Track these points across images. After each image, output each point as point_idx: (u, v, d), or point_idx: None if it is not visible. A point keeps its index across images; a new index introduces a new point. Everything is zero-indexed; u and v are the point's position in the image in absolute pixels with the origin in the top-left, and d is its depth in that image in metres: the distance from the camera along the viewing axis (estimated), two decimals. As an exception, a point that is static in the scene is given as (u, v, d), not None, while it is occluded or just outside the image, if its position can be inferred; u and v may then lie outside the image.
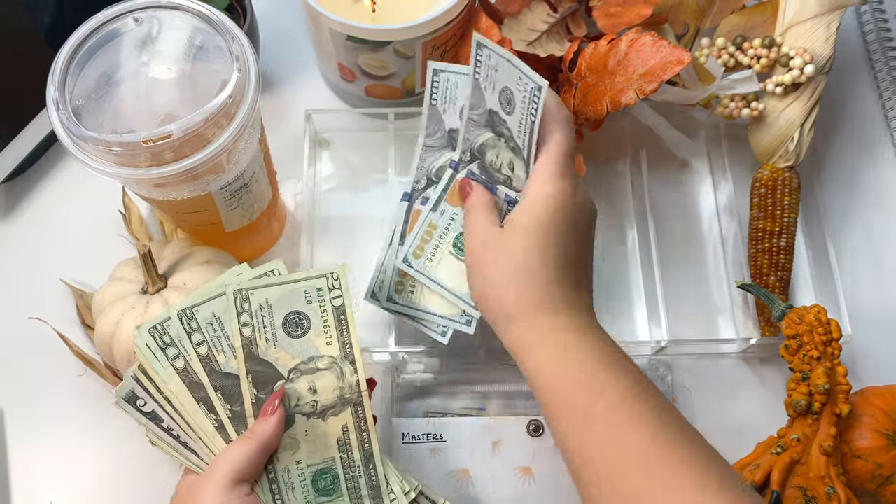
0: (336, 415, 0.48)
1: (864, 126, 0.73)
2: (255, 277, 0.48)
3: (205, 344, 0.47)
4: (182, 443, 0.48)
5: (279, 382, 0.48)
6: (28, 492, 0.60)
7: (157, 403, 0.47)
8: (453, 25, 0.61)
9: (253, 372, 0.47)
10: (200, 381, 0.47)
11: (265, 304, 0.48)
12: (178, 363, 0.47)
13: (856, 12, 0.77)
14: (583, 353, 0.45)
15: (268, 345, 0.48)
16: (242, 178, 0.53)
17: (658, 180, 0.69)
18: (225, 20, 0.48)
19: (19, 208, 0.68)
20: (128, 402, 0.47)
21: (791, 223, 0.64)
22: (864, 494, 0.57)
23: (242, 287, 0.47)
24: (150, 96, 0.48)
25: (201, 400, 0.47)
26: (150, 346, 0.47)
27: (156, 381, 0.47)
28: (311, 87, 0.73)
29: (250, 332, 0.47)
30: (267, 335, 0.48)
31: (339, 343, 0.48)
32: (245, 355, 0.47)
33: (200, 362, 0.47)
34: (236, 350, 0.47)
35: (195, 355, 0.47)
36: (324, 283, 0.48)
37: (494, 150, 0.52)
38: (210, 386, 0.47)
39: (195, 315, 0.47)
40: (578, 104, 0.60)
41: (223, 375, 0.47)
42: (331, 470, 0.48)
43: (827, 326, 0.56)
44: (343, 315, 0.48)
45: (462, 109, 0.53)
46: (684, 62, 0.54)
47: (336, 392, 0.48)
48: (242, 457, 0.45)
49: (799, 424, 0.56)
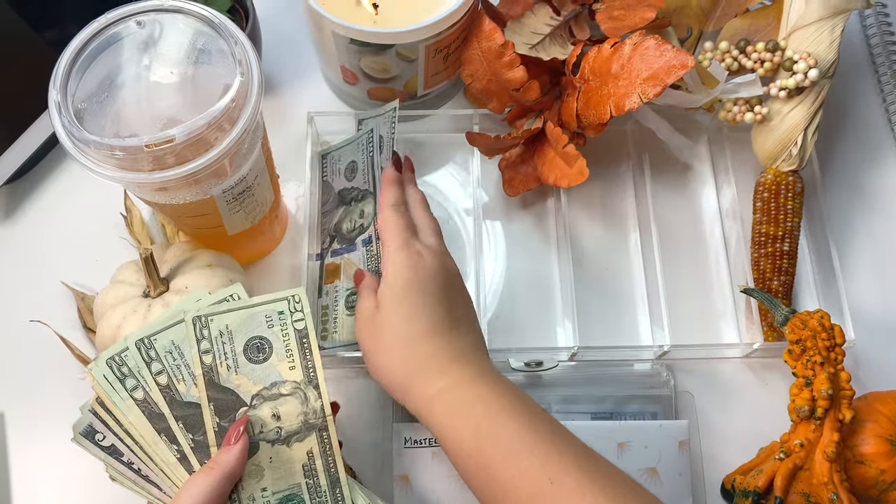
0: (301, 440, 0.47)
1: (867, 130, 0.73)
2: (214, 303, 0.48)
3: (164, 373, 0.47)
4: (143, 476, 0.47)
5: (242, 409, 0.47)
6: (29, 495, 0.59)
7: (116, 437, 0.46)
8: (456, 28, 0.61)
9: (215, 400, 0.47)
10: (161, 412, 0.46)
11: (225, 330, 0.47)
12: (138, 394, 0.46)
13: (859, 16, 0.77)
14: (467, 411, 0.47)
15: (229, 371, 0.47)
16: (245, 181, 0.52)
17: (661, 184, 0.69)
18: (227, 23, 0.48)
19: (21, 211, 0.68)
20: (85, 437, 0.46)
21: (794, 227, 0.64)
22: (868, 500, 0.57)
23: (201, 313, 0.47)
24: (152, 100, 0.47)
25: (162, 431, 0.46)
26: (108, 377, 0.46)
27: (115, 414, 0.46)
28: (314, 90, 0.73)
29: (211, 359, 0.47)
30: (228, 362, 0.47)
31: (301, 367, 0.48)
32: (206, 383, 0.46)
33: (160, 392, 0.46)
34: (197, 378, 0.47)
35: (154, 385, 0.46)
36: (285, 307, 0.48)
37: (348, 217, 0.61)
38: (171, 416, 0.46)
39: (153, 344, 0.47)
40: (581, 108, 0.60)
41: (184, 405, 0.46)
42: (297, 496, 0.47)
43: (830, 331, 0.56)
44: (306, 338, 0.48)
45: (343, 169, 0.64)
46: (688, 66, 0.54)
47: (300, 417, 0.48)
48: (206, 489, 0.44)
49: (802, 430, 0.56)
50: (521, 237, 0.68)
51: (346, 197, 0.63)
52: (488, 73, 0.63)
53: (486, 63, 0.63)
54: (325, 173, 0.66)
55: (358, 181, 0.62)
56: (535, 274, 0.66)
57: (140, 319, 0.54)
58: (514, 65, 0.61)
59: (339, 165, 0.65)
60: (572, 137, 0.61)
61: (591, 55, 0.60)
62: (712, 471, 0.61)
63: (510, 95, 0.64)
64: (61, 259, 0.66)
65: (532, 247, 0.68)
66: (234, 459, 0.45)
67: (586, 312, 0.64)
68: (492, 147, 0.66)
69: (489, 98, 0.66)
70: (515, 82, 0.62)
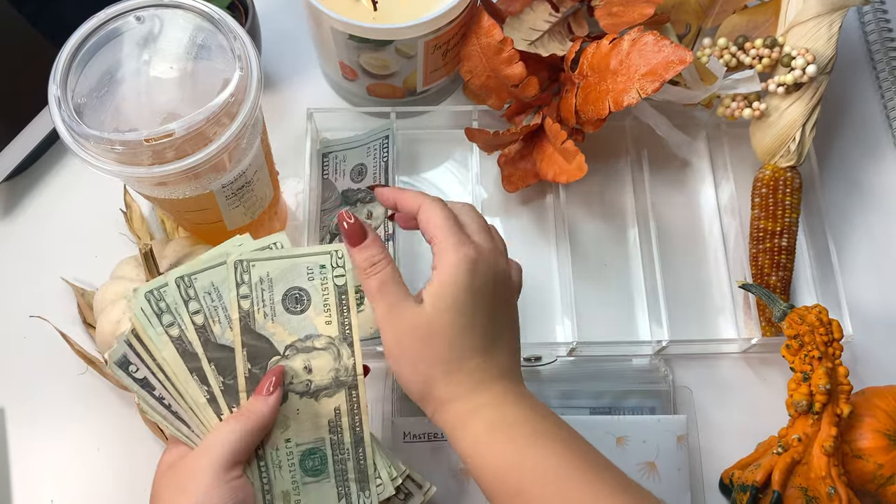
0: (329, 396, 0.47)
1: (865, 126, 0.73)
2: (257, 249, 0.47)
3: (201, 313, 0.46)
4: (173, 412, 0.46)
5: (274, 358, 0.47)
6: (29, 490, 0.60)
7: (148, 370, 0.46)
8: (455, 24, 0.61)
9: (248, 346, 0.46)
10: (195, 352, 0.46)
11: (265, 278, 0.46)
12: (173, 331, 0.46)
13: (857, 12, 0.77)
14: (510, 431, 0.44)
15: (265, 319, 0.47)
16: (244, 176, 0.53)
17: (659, 180, 0.69)
18: (227, 18, 0.48)
19: (20, 207, 0.68)
20: (119, 367, 0.46)
21: (792, 223, 0.64)
22: (865, 495, 0.57)
23: (243, 258, 0.46)
24: (151, 95, 0.47)
25: (194, 370, 0.46)
26: (146, 310, 0.46)
27: (149, 348, 0.46)
28: (313, 86, 0.73)
29: (248, 304, 0.46)
30: (265, 309, 0.46)
31: (338, 323, 0.47)
32: (242, 328, 0.46)
33: (196, 331, 0.46)
34: (233, 322, 0.46)
35: (191, 324, 0.46)
36: (327, 261, 0.47)
37: None
38: (204, 357, 0.46)
39: (193, 283, 0.46)
40: (580, 104, 0.60)
41: (218, 347, 0.46)
42: (320, 451, 0.47)
43: (828, 326, 0.56)
44: (345, 295, 0.47)
45: (350, 170, 0.65)
46: (686, 62, 0.54)
47: (331, 373, 0.47)
48: (237, 436, 0.44)
49: (800, 424, 0.56)
50: (520, 233, 0.68)
51: (350, 198, 0.64)
52: (487, 70, 0.64)
53: (484, 59, 0.63)
54: (326, 171, 0.66)
55: (367, 183, 0.64)
56: (534, 269, 0.66)
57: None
58: (512, 61, 0.62)
59: (343, 166, 0.66)
60: (571, 133, 0.61)
61: (589, 51, 0.60)
62: (710, 465, 0.61)
63: (509, 92, 0.64)
64: (61, 255, 0.66)
65: (531, 242, 0.68)
66: (269, 410, 0.45)
67: (585, 308, 0.64)
68: (491, 143, 0.66)
69: (488, 94, 0.66)
70: (514, 78, 0.62)
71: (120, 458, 0.60)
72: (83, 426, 0.61)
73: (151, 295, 0.46)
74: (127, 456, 0.60)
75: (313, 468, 0.47)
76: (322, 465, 0.47)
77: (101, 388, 0.62)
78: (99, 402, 0.62)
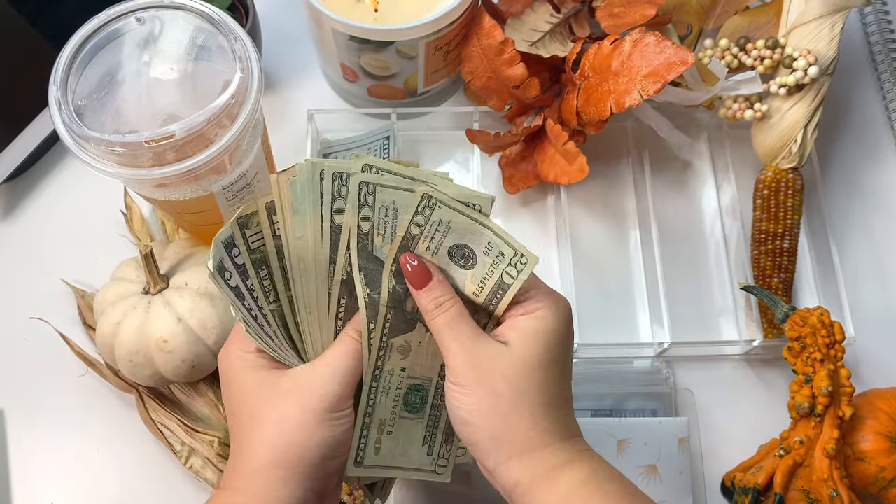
0: None
1: (867, 127, 0.73)
2: (453, 196, 0.43)
3: (370, 221, 0.43)
4: (264, 315, 0.44)
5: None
6: (29, 492, 0.59)
7: (255, 259, 0.43)
8: (456, 26, 0.61)
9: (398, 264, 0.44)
10: (346, 251, 0.43)
11: (444, 224, 0.44)
12: (339, 218, 0.43)
13: (859, 14, 0.77)
14: (605, 486, 0.41)
15: (426, 252, 0.44)
16: (245, 178, 0.52)
17: (661, 181, 0.69)
18: (227, 20, 0.48)
19: (21, 208, 0.68)
20: (218, 274, 0.42)
21: (794, 225, 0.64)
22: (868, 497, 0.57)
23: (434, 196, 0.43)
24: (152, 96, 0.47)
25: (333, 263, 0.44)
26: (318, 183, 0.42)
27: (280, 225, 0.43)
28: (314, 87, 0.73)
29: (417, 232, 0.44)
30: (430, 245, 0.44)
31: (485, 300, 0.45)
32: (400, 246, 0.44)
33: (358, 235, 0.43)
34: (395, 238, 0.43)
35: (356, 225, 0.43)
36: (509, 253, 0.44)
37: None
38: (356, 262, 0.43)
39: (375, 193, 0.43)
40: (582, 105, 0.60)
41: (371, 258, 0.44)
42: (423, 389, 0.46)
43: (830, 329, 0.56)
44: (504, 291, 0.44)
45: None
46: (688, 63, 0.54)
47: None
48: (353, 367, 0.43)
49: (802, 427, 0.56)
50: (521, 235, 0.67)
51: None
52: (488, 71, 0.63)
53: (485, 60, 0.63)
54: None
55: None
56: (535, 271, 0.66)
57: (140, 316, 0.54)
58: (513, 62, 0.61)
59: None
60: (572, 135, 0.61)
61: (591, 52, 0.60)
62: (712, 468, 0.61)
63: (510, 93, 0.64)
64: (61, 256, 0.66)
65: (532, 244, 0.66)
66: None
67: (586, 309, 0.64)
68: (492, 144, 0.66)
69: (489, 95, 0.66)
70: (515, 79, 0.62)
71: (120, 460, 0.60)
72: (83, 428, 0.61)
73: (338, 175, 0.42)
74: (127, 457, 0.60)
75: (413, 405, 0.46)
76: (422, 405, 0.47)
77: (101, 390, 0.62)
78: (99, 404, 0.61)
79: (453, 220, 0.44)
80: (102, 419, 0.61)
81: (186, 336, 0.54)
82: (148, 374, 0.55)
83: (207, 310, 0.55)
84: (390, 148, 0.64)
